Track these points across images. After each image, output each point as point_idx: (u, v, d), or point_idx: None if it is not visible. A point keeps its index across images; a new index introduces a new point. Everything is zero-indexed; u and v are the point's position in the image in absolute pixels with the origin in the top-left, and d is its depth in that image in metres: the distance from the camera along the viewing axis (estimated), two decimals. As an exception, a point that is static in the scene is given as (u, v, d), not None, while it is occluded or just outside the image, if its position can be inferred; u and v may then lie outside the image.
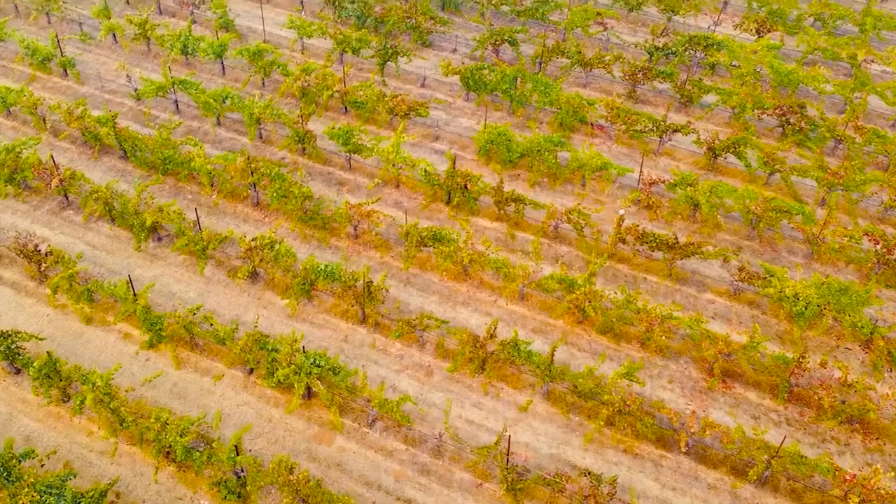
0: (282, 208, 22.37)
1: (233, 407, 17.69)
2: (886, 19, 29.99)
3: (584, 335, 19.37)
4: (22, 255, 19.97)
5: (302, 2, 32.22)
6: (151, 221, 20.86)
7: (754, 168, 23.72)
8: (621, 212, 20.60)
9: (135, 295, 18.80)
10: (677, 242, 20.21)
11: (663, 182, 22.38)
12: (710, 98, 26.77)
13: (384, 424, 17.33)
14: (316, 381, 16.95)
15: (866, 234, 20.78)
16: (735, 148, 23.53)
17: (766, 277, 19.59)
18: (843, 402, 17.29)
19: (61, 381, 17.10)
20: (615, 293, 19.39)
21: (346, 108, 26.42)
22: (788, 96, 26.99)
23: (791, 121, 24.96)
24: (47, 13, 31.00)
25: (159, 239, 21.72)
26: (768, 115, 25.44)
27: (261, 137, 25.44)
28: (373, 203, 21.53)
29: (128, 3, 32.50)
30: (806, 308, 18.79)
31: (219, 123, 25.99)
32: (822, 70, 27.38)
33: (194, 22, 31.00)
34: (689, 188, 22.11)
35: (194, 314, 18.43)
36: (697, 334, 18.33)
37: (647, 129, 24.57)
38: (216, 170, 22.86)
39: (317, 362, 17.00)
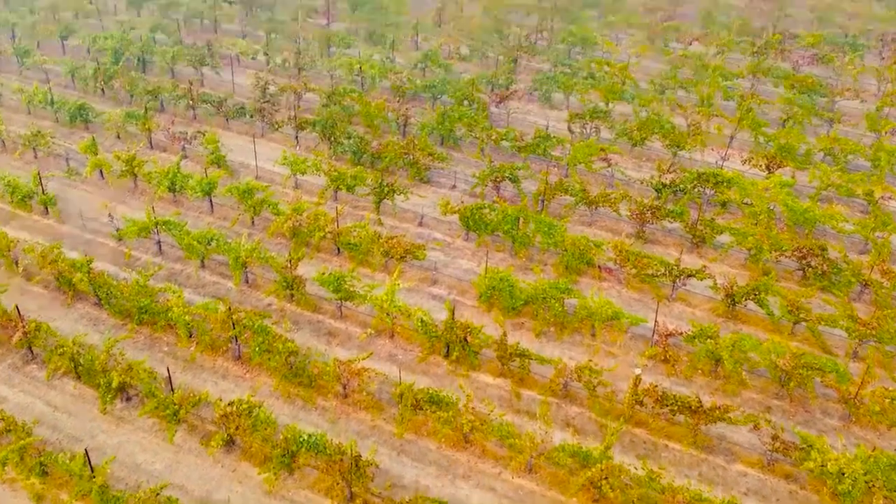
0: (265, 363, 20.41)
1: None
2: (900, 154, 29.07)
3: (601, 516, 17.04)
4: (-29, 422, 17.90)
5: (297, 137, 31.41)
6: (119, 382, 18.86)
7: (777, 317, 21.94)
8: (637, 371, 18.68)
9: (92, 471, 16.60)
10: (701, 406, 18.18)
11: (680, 334, 20.57)
12: (724, 238, 25.30)
13: None
14: (292, 583, 14.54)
15: (909, 394, 18.79)
16: (755, 295, 21.88)
17: (803, 448, 17.43)
18: None
19: (-4, 581, 14.70)
20: (635, 468, 17.18)
21: (338, 249, 24.95)
22: (806, 236, 25.59)
23: (812, 264, 23.43)
24: (34, 148, 30.08)
25: (128, 399, 19.68)
26: (787, 256, 23.94)
27: (247, 282, 23.83)
28: (364, 359, 19.62)
29: (118, 137, 31.68)
30: (852, 487, 16.56)
31: (203, 266, 24.44)
32: (839, 208, 26.12)
33: (185, 157, 30.05)
34: (709, 341, 20.27)
35: (157, 494, 16.18)
36: (731, 518, 16.02)
37: (658, 273, 23.01)
38: (195, 320, 21.08)
39: (294, 559, 14.64)
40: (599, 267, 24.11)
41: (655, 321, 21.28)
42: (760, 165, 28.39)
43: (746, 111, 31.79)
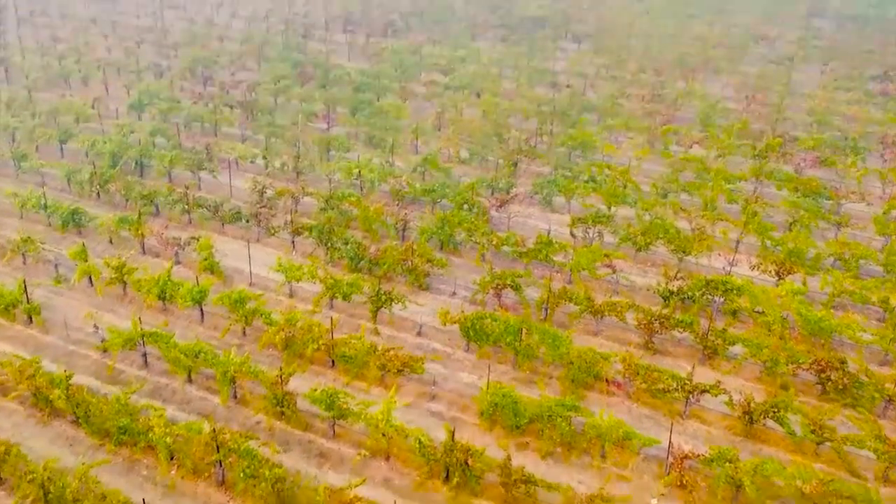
0: (250, 490, 18.93)
1: None
2: (913, 261, 28.25)
3: None
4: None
5: (293, 242, 30.70)
6: (90, 513, 17.41)
7: (800, 436, 20.56)
8: (654, 502, 17.23)
9: None
10: (724, 541, 16.67)
11: (697, 456, 19.18)
12: (738, 349, 24.14)
13: None
14: None
15: (950, 526, 17.28)
16: (774, 413, 20.59)
17: (840, 590, 15.84)
18: None
19: None
20: None
21: (333, 361, 23.79)
22: (822, 346, 24.48)
23: (832, 377, 22.22)
24: (23, 254, 29.33)
25: (100, 531, 18.13)
26: (804, 369, 22.76)
27: (235, 397, 22.56)
28: (356, 486, 18.17)
29: (111, 242, 30.98)
30: None
31: (190, 381, 23.22)
32: (856, 316, 25.10)
33: (178, 262, 29.27)
34: (728, 465, 18.85)
35: None
36: None
37: (670, 388, 21.78)
38: (178, 441, 19.72)
39: None
40: (607, 381, 22.89)
41: (669, 442, 19.93)
42: (770, 271, 27.54)
43: (752, 215, 31.20)
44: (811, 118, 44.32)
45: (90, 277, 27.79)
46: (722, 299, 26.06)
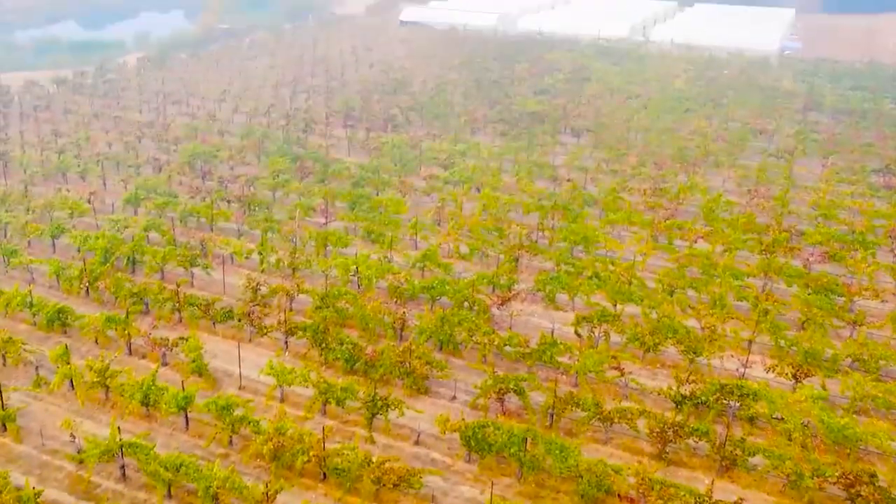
0: None
1: None
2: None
3: None
4: None
5: (286, 342, 29.44)
6: None
7: (832, 561, 18.89)
8: None
9: None
10: None
11: (722, 585, 17.46)
12: (758, 459, 22.57)
13: None
14: None
15: None
16: (804, 533, 18.95)
17: None
18: None
19: None
20: None
21: (324, 474, 22.19)
22: (848, 456, 22.92)
23: (862, 493, 20.61)
24: (3, 355, 28.04)
25: None
26: (831, 483, 21.17)
27: (217, 515, 20.90)
28: None
29: (96, 342, 29.72)
30: None
31: (170, 496, 21.58)
32: (882, 424, 23.62)
33: (165, 364, 27.96)
34: None
35: None
36: None
37: (689, 505, 20.15)
38: (152, 568, 18.04)
39: None
40: (620, 497, 21.25)
41: (691, 568, 18.21)
42: (786, 374, 26.19)
43: (763, 313, 30.04)
44: (816, 212, 43.69)
45: (71, 381, 26.41)
46: (738, 404, 24.64)
